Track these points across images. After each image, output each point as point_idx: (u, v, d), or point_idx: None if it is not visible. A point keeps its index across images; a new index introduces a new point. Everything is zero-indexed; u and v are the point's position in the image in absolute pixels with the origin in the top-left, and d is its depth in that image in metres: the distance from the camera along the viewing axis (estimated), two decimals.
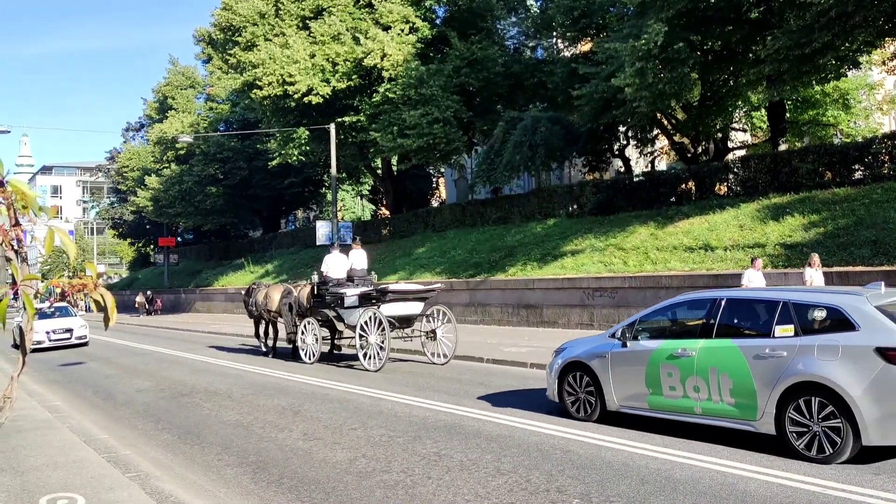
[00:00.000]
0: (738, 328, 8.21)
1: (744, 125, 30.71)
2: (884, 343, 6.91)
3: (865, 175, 19.32)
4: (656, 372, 8.52)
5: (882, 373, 6.84)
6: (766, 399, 7.50)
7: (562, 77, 27.36)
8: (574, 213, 26.34)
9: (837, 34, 18.33)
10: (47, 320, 24.77)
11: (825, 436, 7.11)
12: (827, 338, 7.30)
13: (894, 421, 6.81)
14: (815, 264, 13.58)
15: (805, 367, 7.26)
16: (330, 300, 16.48)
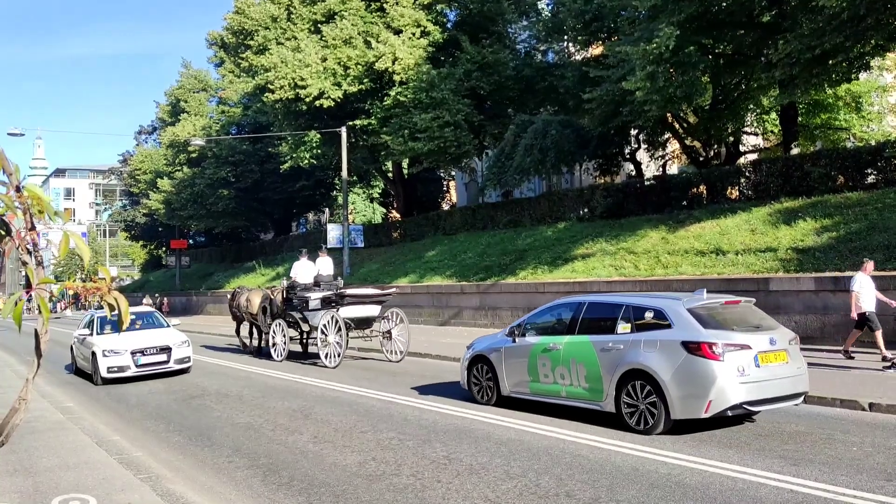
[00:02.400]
0: (593, 326, 9.79)
1: (756, 129, 30.56)
2: (687, 338, 8.58)
3: (878, 179, 19.18)
4: (535, 363, 10.22)
5: (685, 361, 8.52)
6: (609, 383, 9.17)
7: (573, 81, 27.33)
8: (585, 217, 26.28)
9: (849, 37, 18.21)
10: (130, 335, 16.40)
11: (647, 411, 8.79)
12: (651, 334, 8.97)
13: (692, 399, 8.46)
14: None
15: (634, 357, 8.94)
16: (297, 303, 18.41)
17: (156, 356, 16.17)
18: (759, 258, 17.36)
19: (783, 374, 8.78)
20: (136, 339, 16.32)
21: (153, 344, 16.30)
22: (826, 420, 9.39)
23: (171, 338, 16.74)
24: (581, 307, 10.09)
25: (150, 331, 17.37)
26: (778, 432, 8.80)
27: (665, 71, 20.23)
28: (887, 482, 6.69)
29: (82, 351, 17.30)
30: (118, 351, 15.86)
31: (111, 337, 16.32)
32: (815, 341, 15.18)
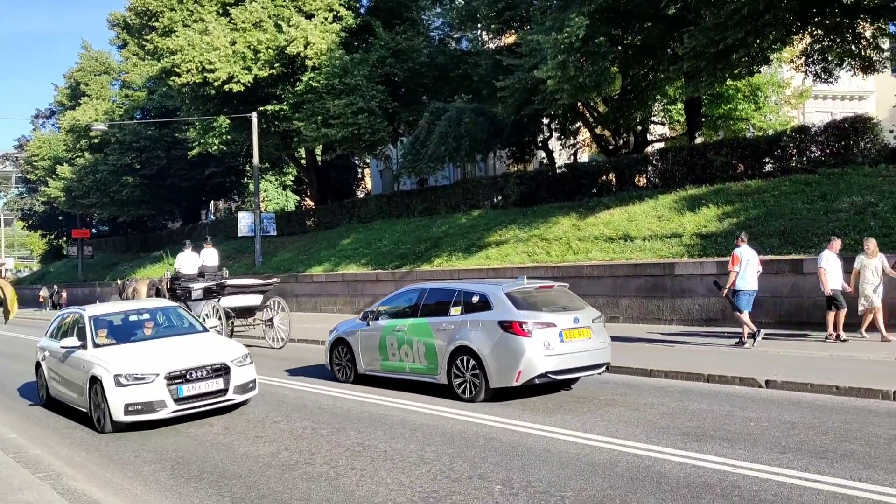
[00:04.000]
0: (432, 310, 11.01)
1: (662, 119, 31.53)
2: (503, 318, 9.90)
3: (775, 168, 20.11)
4: (385, 343, 11.43)
5: (501, 338, 9.84)
6: (442, 359, 10.42)
7: (486, 69, 27.49)
8: (499, 205, 26.57)
9: (750, 32, 18.96)
10: (149, 347, 10.54)
11: (472, 382, 10.11)
12: (476, 315, 10.27)
13: (506, 370, 9.78)
14: (872, 253, 12.86)
15: (462, 335, 10.23)
16: (180, 294, 18.70)
17: (208, 382, 9.81)
18: (665, 244, 17.96)
19: (586, 348, 10.13)
20: (164, 354, 10.06)
21: (201, 362, 9.89)
22: (727, 397, 9.81)
23: (223, 350, 10.45)
24: (423, 293, 11.45)
25: (177, 339, 10.88)
26: (682, 410, 9.14)
27: (575, 60, 20.57)
28: (781, 454, 7.04)
29: (65, 374, 10.86)
30: (144, 376, 9.45)
31: (121, 351, 10.17)
32: (717, 323, 15.85)
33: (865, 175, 17.18)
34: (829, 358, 11.66)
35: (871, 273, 12.79)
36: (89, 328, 10.65)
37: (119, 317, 11.53)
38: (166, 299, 18.36)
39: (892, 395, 9.05)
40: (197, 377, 9.75)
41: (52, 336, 11.94)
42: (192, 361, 9.88)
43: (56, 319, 12.50)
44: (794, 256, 15.18)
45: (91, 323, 10.76)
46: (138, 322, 11.47)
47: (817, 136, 19.67)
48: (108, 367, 9.57)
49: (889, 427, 7.81)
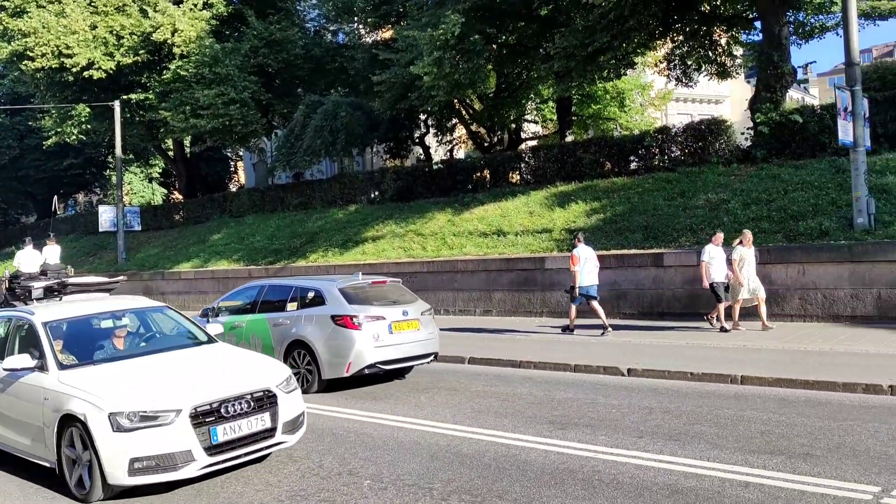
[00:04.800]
0: (269, 306, 11.33)
1: (536, 117, 32.39)
2: (335, 312, 10.35)
3: (640, 166, 21.05)
4: (223, 339, 11.22)
5: (332, 331, 10.27)
6: (279, 353, 10.60)
7: (363, 63, 27.30)
8: (376, 200, 26.43)
9: (616, 36, 19.76)
10: (153, 367, 7.09)
11: (306, 374, 10.44)
12: (311, 310, 10.69)
13: (337, 362, 10.20)
14: (748, 242, 13.34)
15: (297, 330, 10.62)
16: (20, 293, 17.43)
17: (250, 420, 6.62)
18: (536, 238, 18.41)
19: (414, 339, 10.59)
20: (177, 377, 6.87)
21: (237, 389, 6.69)
22: (592, 386, 10.14)
23: (260, 370, 7.22)
24: (263, 290, 11.73)
25: (182, 355, 7.59)
26: (549, 399, 9.37)
27: (451, 57, 20.74)
28: (639, 438, 7.34)
29: (17, 410, 7.18)
30: (159, 414, 6.24)
31: (108, 375, 6.84)
32: (586, 315, 16.36)
33: (720, 174, 18.26)
34: (687, 346, 12.31)
35: (749, 264, 13.19)
36: (46, 341, 7.13)
37: (81, 322, 7.85)
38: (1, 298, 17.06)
39: (739, 379, 9.66)
40: (235, 412, 6.44)
41: None
42: (223, 388, 6.54)
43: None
44: (655, 250, 15.93)
45: (46, 333, 7.23)
46: (108, 330, 7.99)
47: (677, 136, 20.74)
48: (98, 399, 6.23)
49: (736, 409, 8.32)
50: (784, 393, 9.02)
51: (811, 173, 16.51)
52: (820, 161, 16.95)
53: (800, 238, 14.42)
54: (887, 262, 13.08)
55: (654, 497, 5.75)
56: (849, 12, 14.51)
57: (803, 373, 9.52)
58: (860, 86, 14.60)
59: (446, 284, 19.12)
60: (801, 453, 6.58)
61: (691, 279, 15.20)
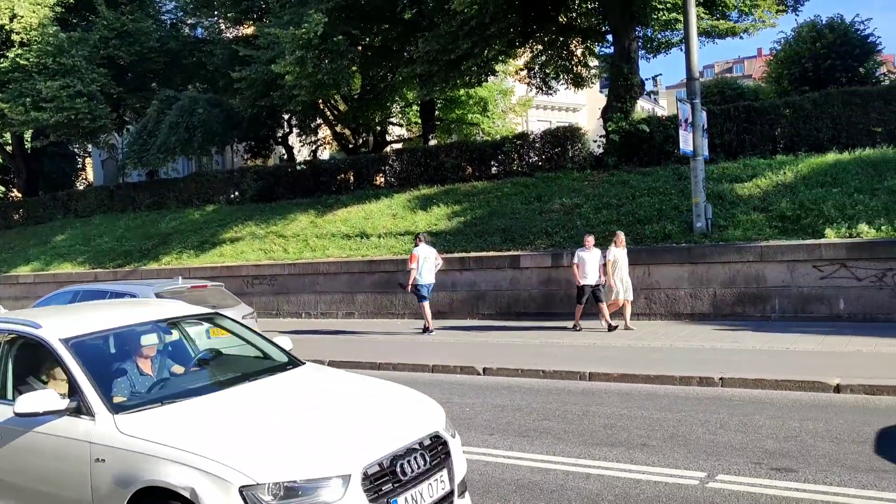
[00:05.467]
0: None
1: (400, 120, 32.50)
2: None
3: (499, 170, 21.57)
4: None
5: None
6: None
7: (223, 58, 26.38)
8: (235, 200, 25.60)
9: (478, 43, 20.17)
10: (257, 409, 4.74)
11: None
12: None
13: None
14: (620, 243, 13.59)
15: None
16: None
17: (431, 482, 4.52)
18: (399, 241, 18.44)
19: (232, 343, 10.42)
20: (313, 424, 4.55)
21: (404, 438, 4.51)
22: (449, 385, 10.23)
23: (415, 406, 5.10)
24: (76, 295, 11.46)
25: (277, 384, 5.31)
26: None
27: (314, 57, 20.43)
28: (490, 436, 7.48)
29: (38, 477, 4.72)
30: (318, 485, 4.01)
31: (204, 419, 4.54)
32: (446, 316, 16.58)
33: (574, 179, 19.01)
34: (541, 345, 12.67)
35: (620, 266, 13.56)
36: (79, 368, 4.76)
37: (122, 336, 5.51)
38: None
39: (587, 376, 10.05)
40: (412, 472, 4.40)
41: None
42: (387, 437, 4.47)
43: None
44: (513, 252, 16.34)
45: (74, 357, 4.83)
46: (129, 349, 5.48)
47: (535, 142, 21.42)
48: (215, 463, 4.01)
49: (583, 404, 8.64)
50: (628, 387, 9.47)
51: (657, 180, 17.49)
52: (665, 168, 18.00)
53: (646, 241, 15.22)
54: (722, 263, 14.06)
55: (501, 492, 5.86)
56: (689, 31, 15.48)
57: (645, 368, 10.04)
58: (699, 99, 15.60)
59: (308, 287, 18.78)
60: (639, 444, 6.91)
61: (546, 280, 15.74)
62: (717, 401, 8.48)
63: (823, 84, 19.43)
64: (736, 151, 17.93)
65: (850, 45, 21.88)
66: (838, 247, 13.13)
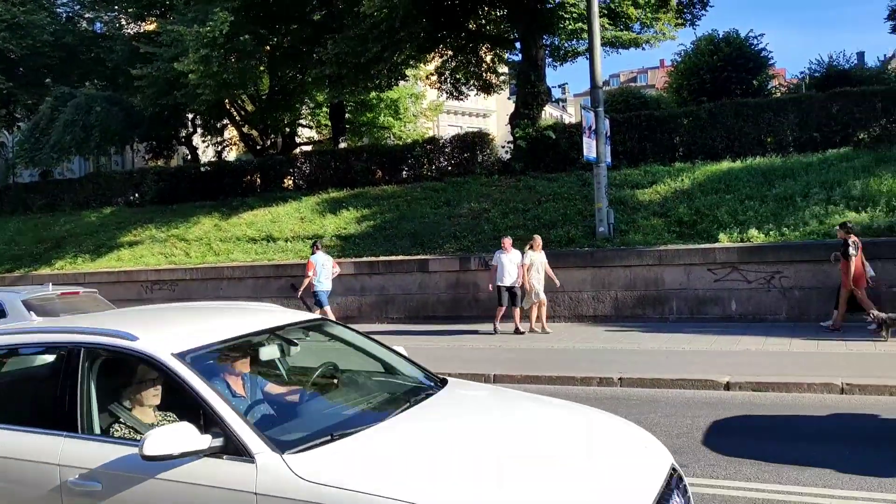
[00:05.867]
0: None
1: (310, 122, 32.07)
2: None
3: (409, 175, 21.60)
4: None
5: None
6: None
7: (123, 55, 25.40)
8: (135, 202, 24.66)
9: (387, 47, 20.14)
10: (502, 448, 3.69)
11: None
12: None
13: None
14: (537, 247, 13.63)
15: None
16: None
17: None
18: (307, 245, 18.13)
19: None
20: (561, 469, 3.49)
21: (658, 476, 3.72)
22: None
23: (635, 434, 4.23)
24: None
25: (457, 409, 4.36)
26: None
27: (220, 56, 19.92)
28: None
29: None
30: None
31: (415, 460, 3.47)
32: (355, 320, 16.43)
33: (482, 184, 19.22)
34: (447, 348, 12.72)
35: (536, 269, 13.64)
36: (214, 395, 3.69)
37: (237, 349, 4.49)
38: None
39: (492, 378, 10.14)
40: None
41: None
42: (641, 479, 3.67)
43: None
44: (421, 257, 16.38)
45: (205, 381, 3.77)
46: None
47: (445, 147, 21.55)
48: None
49: None
50: (532, 389, 9.57)
51: (562, 185, 17.88)
52: (570, 174, 18.42)
53: (551, 245, 15.49)
54: (623, 267, 14.50)
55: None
56: (593, 41, 15.92)
57: (548, 369, 10.23)
58: (603, 107, 16.06)
59: (211, 292, 18.23)
60: None
61: (455, 284, 15.85)
62: (616, 400, 8.71)
63: (721, 95, 20.31)
64: (638, 158, 18.53)
65: (745, 58, 22.93)
66: (730, 251, 13.76)
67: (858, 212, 13.90)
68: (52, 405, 3.99)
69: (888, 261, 12.67)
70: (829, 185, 15.01)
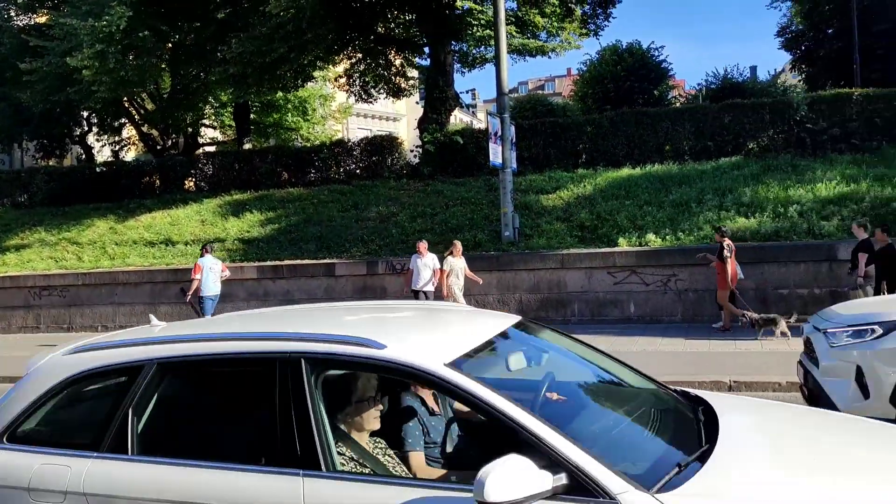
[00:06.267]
0: None
1: (214, 122, 31.21)
2: None
3: (316, 177, 21.29)
4: None
5: None
6: None
7: (11, 48, 23.93)
8: (23, 204, 23.34)
9: (294, 47, 19.81)
10: None
11: None
12: None
13: None
14: (457, 252, 13.49)
15: None
16: None
17: None
18: None
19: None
20: None
21: None
22: None
23: None
24: None
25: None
26: None
27: (117, 52, 19.11)
28: None
29: None
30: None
31: None
32: None
33: (391, 188, 19.15)
34: None
35: (456, 275, 13.54)
36: (535, 419, 2.86)
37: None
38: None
39: None
40: None
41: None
42: None
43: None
44: (328, 261, 16.15)
45: (504, 394, 2.95)
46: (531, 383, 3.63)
47: (353, 150, 21.37)
48: None
49: None
50: None
51: (469, 190, 18.01)
52: (477, 179, 18.58)
53: None
54: (527, 271, 14.71)
55: None
56: (500, 49, 16.10)
57: None
58: (509, 114, 16.26)
59: (105, 298, 17.45)
60: None
61: (362, 288, 15.69)
62: None
63: (625, 104, 20.94)
64: (543, 164, 18.87)
65: (647, 69, 23.74)
66: (629, 255, 14.17)
67: (748, 217, 14.57)
68: (265, 433, 3.14)
69: (773, 264, 13.35)
70: (722, 192, 15.68)
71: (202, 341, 3.46)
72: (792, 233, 13.82)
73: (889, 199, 14.24)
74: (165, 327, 4.18)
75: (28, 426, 3.49)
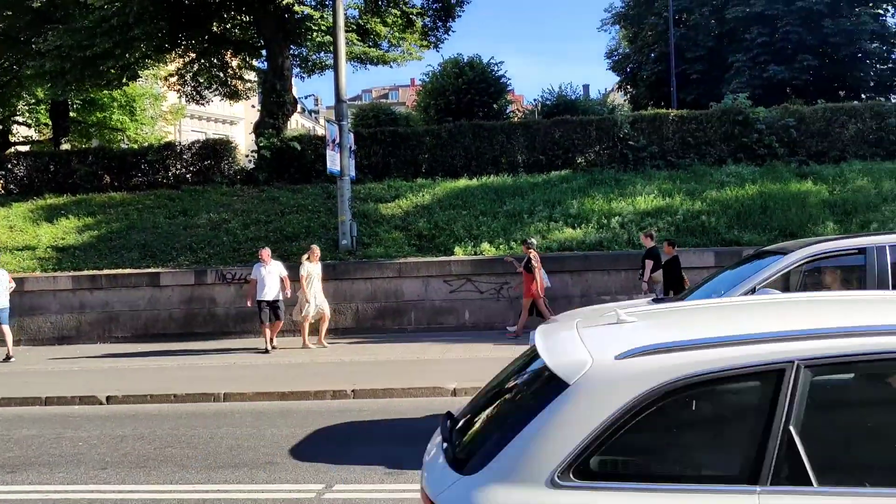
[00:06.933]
0: None
1: (28, 119, 28.73)
2: None
3: (142, 181, 20.05)
4: None
5: None
6: None
7: None
8: None
9: (119, 43, 18.63)
10: None
11: None
12: None
13: None
14: (315, 258, 13.00)
15: None
16: None
17: None
18: (16, 257, 16.11)
19: None
20: None
21: None
22: (62, 419, 9.06)
23: None
24: None
25: None
26: (5, 440, 8.08)
27: None
28: (102, 470, 6.73)
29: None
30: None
31: None
32: (73, 340, 14.88)
33: (223, 194, 18.41)
34: (177, 367, 11.88)
35: (316, 280, 13.16)
36: None
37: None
38: None
39: (222, 397, 9.62)
40: None
41: None
42: None
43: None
44: (152, 270, 15.23)
45: None
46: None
47: (184, 153, 20.35)
48: None
49: (213, 427, 8.21)
50: (262, 406, 9.25)
51: (306, 197, 17.67)
52: (315, 186, 18.27)
53: (293, 258, 15.14)
54: (365, 279, 14.60)
55: None
56: (338, 56, 15.95)
57: (282, 385, 9.91)
58: (347, 121, 16.12)
59: None
60: (264, 462, 6.72)
61: (189, 299, 14.95)
62: (348, 412, 8.65)
63: (466, 116, 21.36)
64: (383, 173, 18.86)
65: (487, 83, 24.37)
66: (465, 263, 14.43)
67: (574, 228, 15.29)
68: None
69: (598, 272, 14.08)
70: (552, 204, 16.36)
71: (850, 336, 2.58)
72: (614, 243, 14.65)
73: (699, 212, 15.47)
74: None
75: (606, 456, 2.55)
